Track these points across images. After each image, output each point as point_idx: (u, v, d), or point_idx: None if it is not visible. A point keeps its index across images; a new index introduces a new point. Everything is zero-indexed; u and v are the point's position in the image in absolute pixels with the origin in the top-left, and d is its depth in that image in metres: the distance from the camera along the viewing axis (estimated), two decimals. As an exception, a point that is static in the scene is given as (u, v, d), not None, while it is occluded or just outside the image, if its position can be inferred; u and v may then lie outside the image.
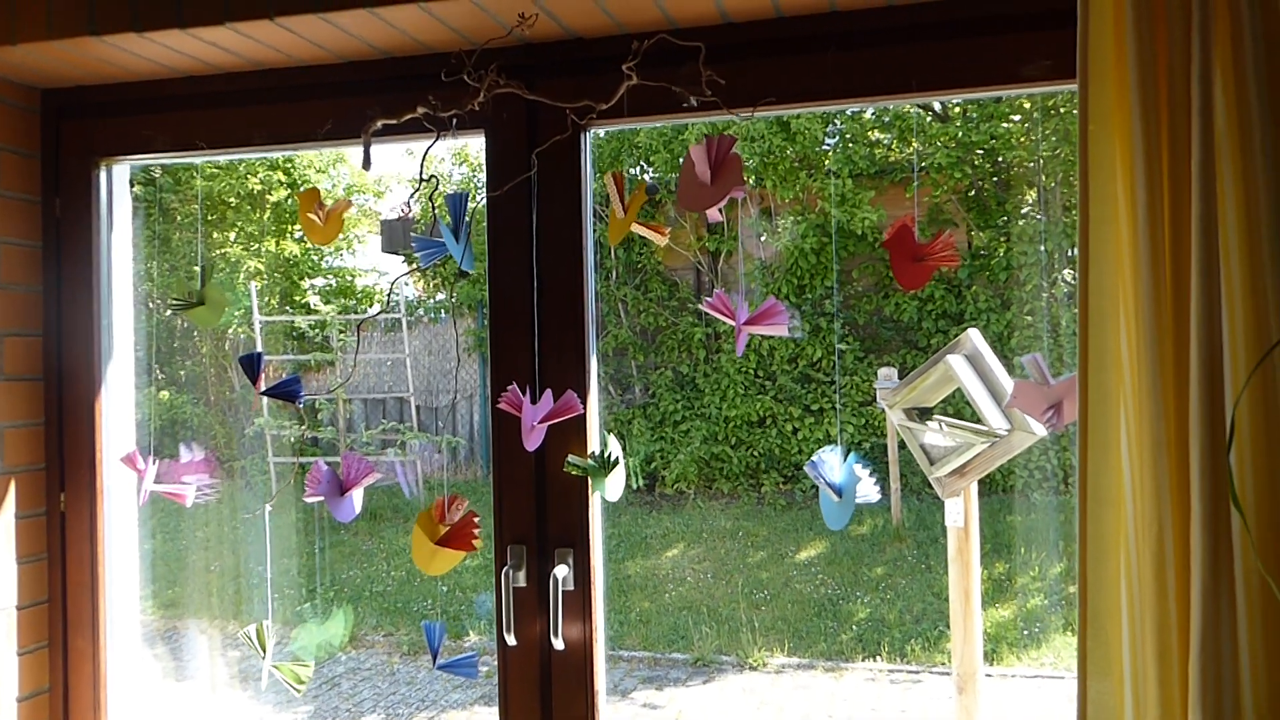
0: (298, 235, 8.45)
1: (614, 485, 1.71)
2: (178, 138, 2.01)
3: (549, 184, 1.82)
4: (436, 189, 1.80)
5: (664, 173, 7.48)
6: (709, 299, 1.64)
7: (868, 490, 1.66)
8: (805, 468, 1.69)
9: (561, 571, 1.78)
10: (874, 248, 7.23)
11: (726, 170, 1.57)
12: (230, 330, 8.34)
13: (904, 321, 7.25)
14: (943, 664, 5.10)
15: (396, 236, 8.05)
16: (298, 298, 8.58)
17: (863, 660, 5.22)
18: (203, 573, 6.88)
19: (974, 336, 2.68)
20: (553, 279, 1.82)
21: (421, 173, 1.81)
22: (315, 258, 8.61)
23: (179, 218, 8.16)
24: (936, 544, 6.26)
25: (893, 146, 7.37)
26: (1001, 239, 7.09)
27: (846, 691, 4.95)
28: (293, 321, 8.42)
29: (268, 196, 8.21)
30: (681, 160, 1.61)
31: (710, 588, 6.17)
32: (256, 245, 8.34)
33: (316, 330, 8.44)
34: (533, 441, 1.67)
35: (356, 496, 1.81)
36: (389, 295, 7.84)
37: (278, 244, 8.41)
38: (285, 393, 1.91)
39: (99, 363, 2.09)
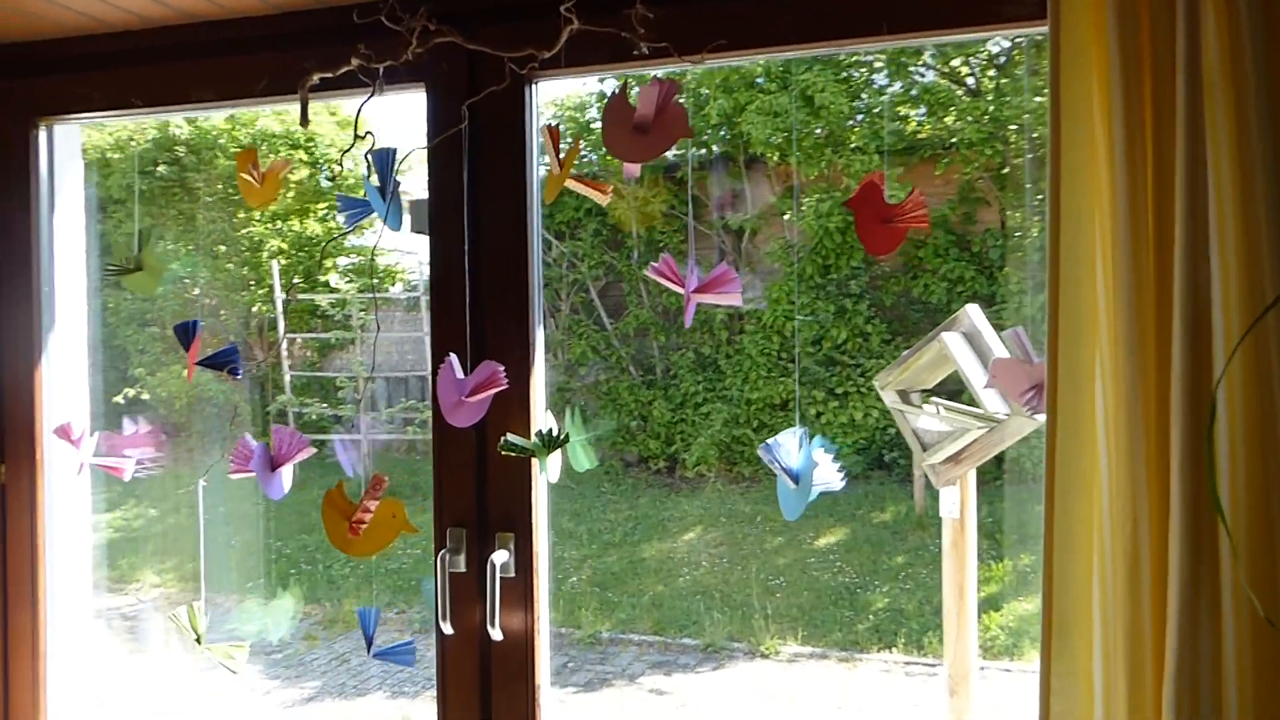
0: (322, 214, 8.45)
1: (554, 465, 1.58)
2: (114, 95, 1.91)
3: (490, 140, 1.69)
4: (372, 146, 1.68)
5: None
6: (654, 264, 1.49)
7: (828, 476, 1.51)
8: (759, 451, 1.54)
9: (500, 557, 1.66)
10: (902, 227, 6.98)
11: (670, 119, 1.42)
12: (254, 308, 8.38)
13: (933, 303, 7.01)
14: (961, 657, 4.92)
15: (425, 215, 7.98)
16: (321, 276, 8.57)
17: (878, 651, 5.06)
18: (224, 549, 6.91)
19: (972, 313, 2.51)
20: (492, 243, 1.69)
21: (356, 129, 1.69)
22: (339, 236, 8.59)
23: (203, 197, 8.18)
24: (961, 533, 6.05)
25: (922, 123, 7.12)
26: (1035, 219, 6.83)
27: (859, 682, 4.80)
28: (313, 300, 8.42)
29: (290, 176, 8.19)
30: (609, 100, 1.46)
31: (725, 572, 6.03)
32: (279, 224, 8.34)
33: (338, 309, 8.43)
34: (461, 418, 1.54)
35: (286, 473, 1.70)
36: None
37: (301, 223, 8.42)
38: (220, 362, 1.81)
39: (39, 332, 2.00)
